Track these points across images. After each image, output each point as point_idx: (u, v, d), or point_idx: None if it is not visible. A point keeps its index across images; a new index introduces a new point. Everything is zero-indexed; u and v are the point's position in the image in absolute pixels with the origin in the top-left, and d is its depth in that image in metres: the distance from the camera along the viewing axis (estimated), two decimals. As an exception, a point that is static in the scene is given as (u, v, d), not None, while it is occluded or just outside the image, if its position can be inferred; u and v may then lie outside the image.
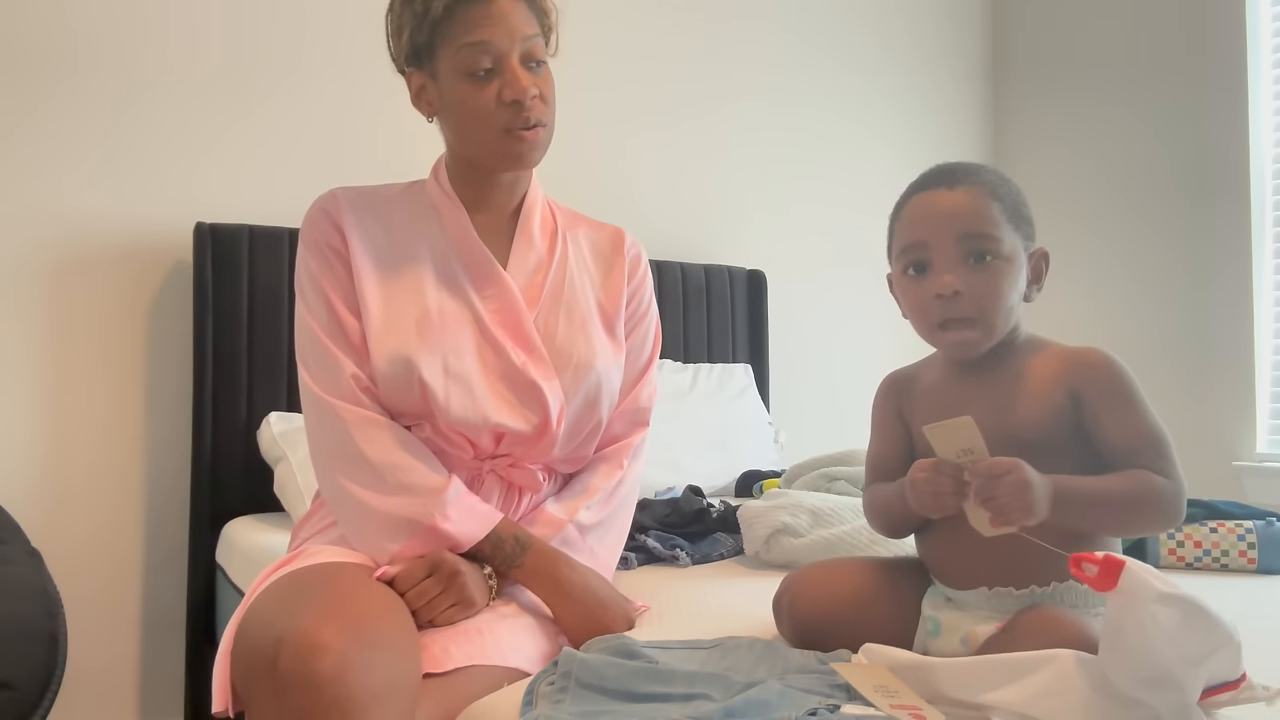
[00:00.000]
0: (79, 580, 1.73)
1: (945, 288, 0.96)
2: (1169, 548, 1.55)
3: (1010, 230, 0.98)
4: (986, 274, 0.96)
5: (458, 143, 1.21)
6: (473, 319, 1.18)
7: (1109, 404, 0.97)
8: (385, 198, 1.25)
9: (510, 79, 1.13)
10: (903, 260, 1.02)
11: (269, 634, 0.82)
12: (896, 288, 1.05)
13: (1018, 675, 0.78)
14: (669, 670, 0.88)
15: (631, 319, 1.32)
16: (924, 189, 1.02)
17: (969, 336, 0.98)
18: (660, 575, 1.42)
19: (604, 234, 1.35)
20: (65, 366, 1.76)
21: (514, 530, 1.11)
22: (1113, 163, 2.86)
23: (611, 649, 0.95)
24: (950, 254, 0.97)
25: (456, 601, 1.02)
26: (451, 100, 1.17)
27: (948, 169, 1.02)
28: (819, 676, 0.88)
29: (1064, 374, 0.99)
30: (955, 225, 0.97)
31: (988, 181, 1.00)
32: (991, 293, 0.96)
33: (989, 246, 0.96)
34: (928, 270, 0.99)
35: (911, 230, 1.00)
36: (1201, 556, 1.53)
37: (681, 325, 2.39)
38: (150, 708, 1.82)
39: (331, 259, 1.18)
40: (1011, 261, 0.97)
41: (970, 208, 0.97)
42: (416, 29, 1.15)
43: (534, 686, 0.89)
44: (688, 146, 2.54)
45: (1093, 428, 0.97)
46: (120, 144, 1.81)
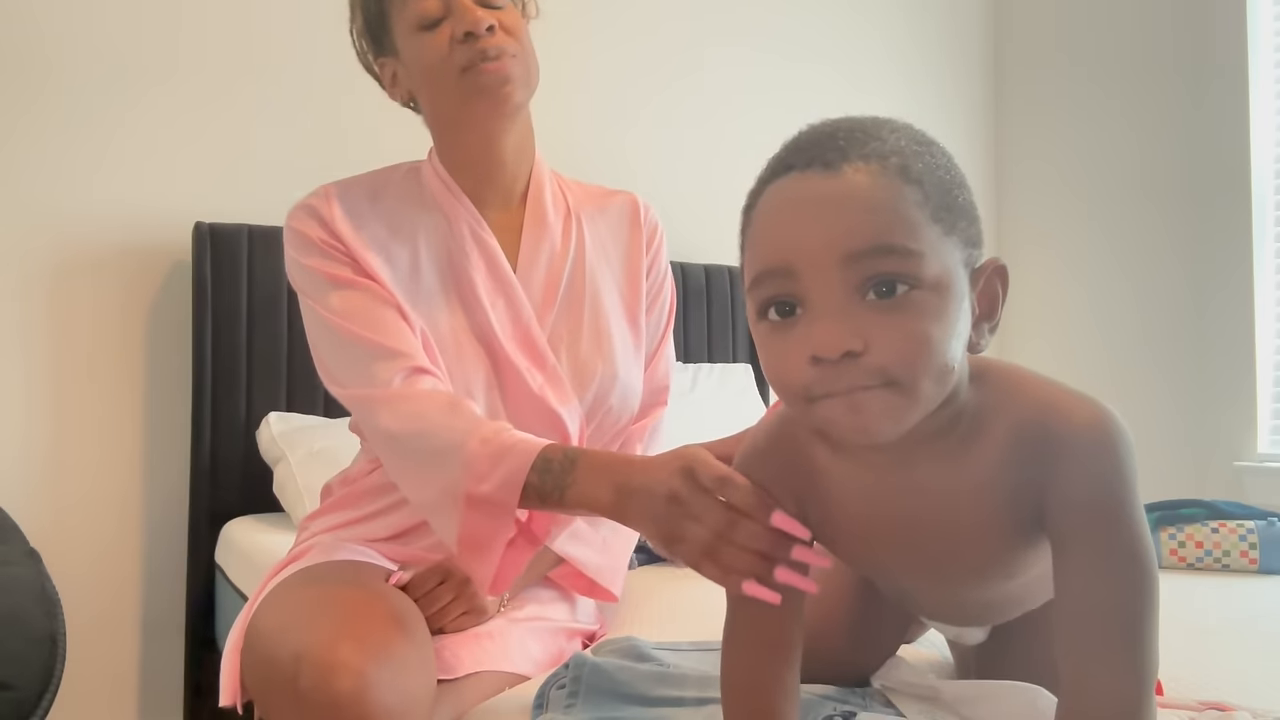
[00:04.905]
0: (78, 580, 1.72)
1: (827, 347, 0.57)
2: (1170, 548, 1.54)
3: (937, 236, 0.59)
4: (900, 316, 0.57)
5: (430, 108, 1.12)
6: (486, 337, 1.08)
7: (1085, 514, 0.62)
8: (381, 186, 1.14)
9: (459, 13, 1.04)
10: (756, 297, 0.62)
11: (287, 647, 0.81)
12: (756, 342, 0.64)
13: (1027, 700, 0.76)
14: (681, 674, 0.88)
15: (650, 292, 1.23)
16: (783, 173, 0.61)
17: (880, 407, 0.58)
18: (661, 575, 1.42)
19: (617, 206, 1.23)
20: (64, 366, 1.75)
21: (561, 451, 0.92)
22: (1113, 162, 2.86)
23: (622, 651, 0.95)
24: (834, 287, 0.58)
25: (468, 610, 1.01)
26: (412, 64, 1.09)
27: (823, 134, 0.62)
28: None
29: (1023, 452, 0.63)
30: (840, 237, 0.57)
31: (894, 152, 0.60)
32: (911, 346, 0.57)
33: (900, 269, 0.57)
34: (800, 310, 0.60)
35: (767, 249, 0.61)
36: (1203, 557, 1.53)
37: (681, 325, 2.39)
38: (150, 708, 1.82)
39: (331, 253, 1.06)
40: (943, 289, 0.58)
41: (864, 204, 0.58)
42: (369, 19, 1.10)
43: (545, 690, 0.89)
44: (687, 146, 2.54)
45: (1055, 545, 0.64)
46: (119, 144, 1.80)
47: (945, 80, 3.10)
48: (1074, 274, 2.92)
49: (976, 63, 3.19)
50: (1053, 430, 0.62)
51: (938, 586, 0.75)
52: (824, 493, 0.71)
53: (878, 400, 0.58)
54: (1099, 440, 0.61)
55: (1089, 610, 0.61)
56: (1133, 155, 2.81)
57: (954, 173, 0.62)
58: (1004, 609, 0.80)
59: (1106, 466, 0.61)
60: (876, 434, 0.60)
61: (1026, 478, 0.63)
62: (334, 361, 1.04)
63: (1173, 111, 2.72)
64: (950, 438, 0.65)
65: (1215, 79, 2.62)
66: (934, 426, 0.64)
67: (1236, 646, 1.09)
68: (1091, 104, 2.92)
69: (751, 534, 0.73)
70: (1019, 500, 0.64)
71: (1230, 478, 2.53)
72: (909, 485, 0.67)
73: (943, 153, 0.63)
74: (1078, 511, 0.61)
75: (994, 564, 0.69)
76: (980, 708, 0.79)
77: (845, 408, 0.58)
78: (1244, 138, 2.56)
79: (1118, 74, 2.86)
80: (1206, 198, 2.64)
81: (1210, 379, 2.62)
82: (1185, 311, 2.68)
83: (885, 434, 0.60)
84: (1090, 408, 0.62)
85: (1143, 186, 2.79)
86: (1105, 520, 0.61)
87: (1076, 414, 0.62)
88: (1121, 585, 0.60)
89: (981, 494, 0.65)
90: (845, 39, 2.88)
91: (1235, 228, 2.58)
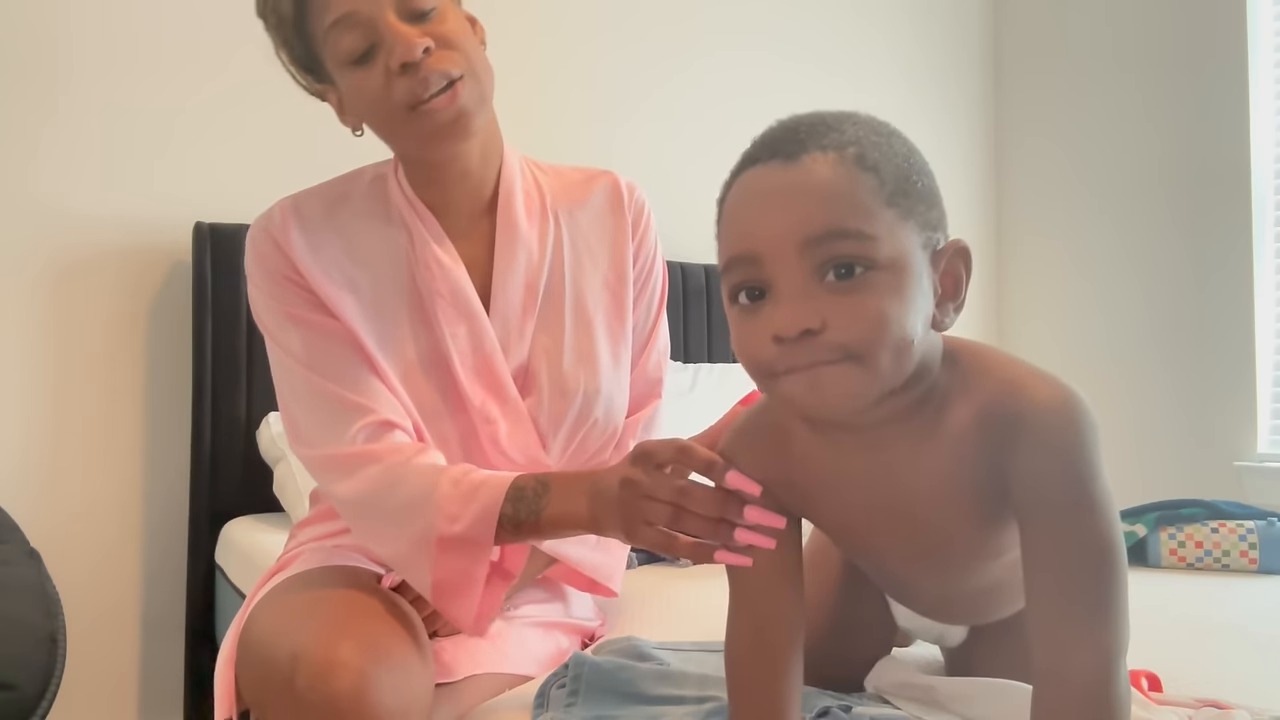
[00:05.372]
0: (78, 580, 1.72)
1: (786, 326, 0.60)
2: (1170, 548, 1.55)
3: (893, 220, 0.61)
4: (857, 295, 0.60)
5: (384, 138, 1.03)
6: (445, 366, 1.02)
7: (1047, 494, 0.63)
8: (342, 199, 1.06)
9: (388, 42, 0.92)
10: (727, 282, 0.66)
11: (283, 648, 0.80)
12: (729, 319, 0.68)
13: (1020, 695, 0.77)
14: (680, 672, 0.88)
15: (638, 280, 1.15)
16: (749, 165, 0.66)
17: (839, 381, 0.61)
18: (661, 575, 1.42)
19: (597, 193, 1.14)
20: (65, 367, 1.75)
21: (532, 478, 0.91)
22: (1113, 162, 2.86)
23: (623, 651, 0.95)
24: (794, 271, 0.61)
25: None
26: (351, 100, 0.99)
27: (786, 129, 0.65)
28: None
29: (988, 433, 0.65)
30: (797, 224, 0.61)
31: (852, 142, 0.63)
32: (867, 322, 0.60)
33: (856, 252, 0.60)
34: (767, 295, 0.63)
35: (734, 237, 0.65)
36: (1203, 557, 1.53)
37: (681, 325, 2.39)
38: (150, 708, 1.82)
39: (290, 287, 1.00)
40: (899, 270, 0.61)
41: (820, 192, 0.61)
42: (288, 42, 0.99)
43: (545, 689, 0.89)
44: (687, 146, 2.54)
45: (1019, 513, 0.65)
46: (119, 144, 1.80)
47: (947, 80, 3.10)
48: (1074, 273, 2.92)
49: (978, 62, 3.19)
50: (1016, 410, 0.64)
51: (922, 571, 0.76)
52: (805, 475, 0.73)
53: (837, 374, 0.61)
54: (1061, 419, 0.63)
55: (1056, 587, 0.63)
56: (1133, 154, 2.81)
57: (913, 160, 0.65)
58: (990, 601, 0.80)
59: (1069, 445, 0.62)
60: (835, 408, 0.63)
61: (993, 458, 0.65)
62: (302, 416, 0.98)
63: (1173, 110, 2.72)
64: (919, 418, 0.67)
65: (1215, 77, 2.62)
66: (903, 406, 0.66)
67: (1236, 646, 1.09)
68: (1092, 103, 2.92)
69: (705, 499, 0.74)
70: (987, 480, 0.66)
71: (1230, 478, 2.53)
72: (881, 467, 0.69)
73: (903, 142, 0.66)
74: (1041, 490, 0.63)
75: (970, 544, 0.70)
76: (975, 705, 0.79)
77: (805, 383, 0.62)
78: (1244, 136, 2.56)
79: (1118, 73, 2.86)
80: (1207, 196, 2.64)
81: (1210, 379, 2.62)
82: (1185, 311, 2.68)
83: (844, 407, 0.63)
84: (1053, 387, 0.64)
85: (1143, 185, 2.79)
86: (1069, 498, 0.62)
87: (1039, 394, 0.64)
88: (1086, 562, 0.62)
89: (950, 474, 0.67)
90: (846, 39, 2.88)
91: (1235, 226, 2.58)
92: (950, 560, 0.73)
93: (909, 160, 0.64)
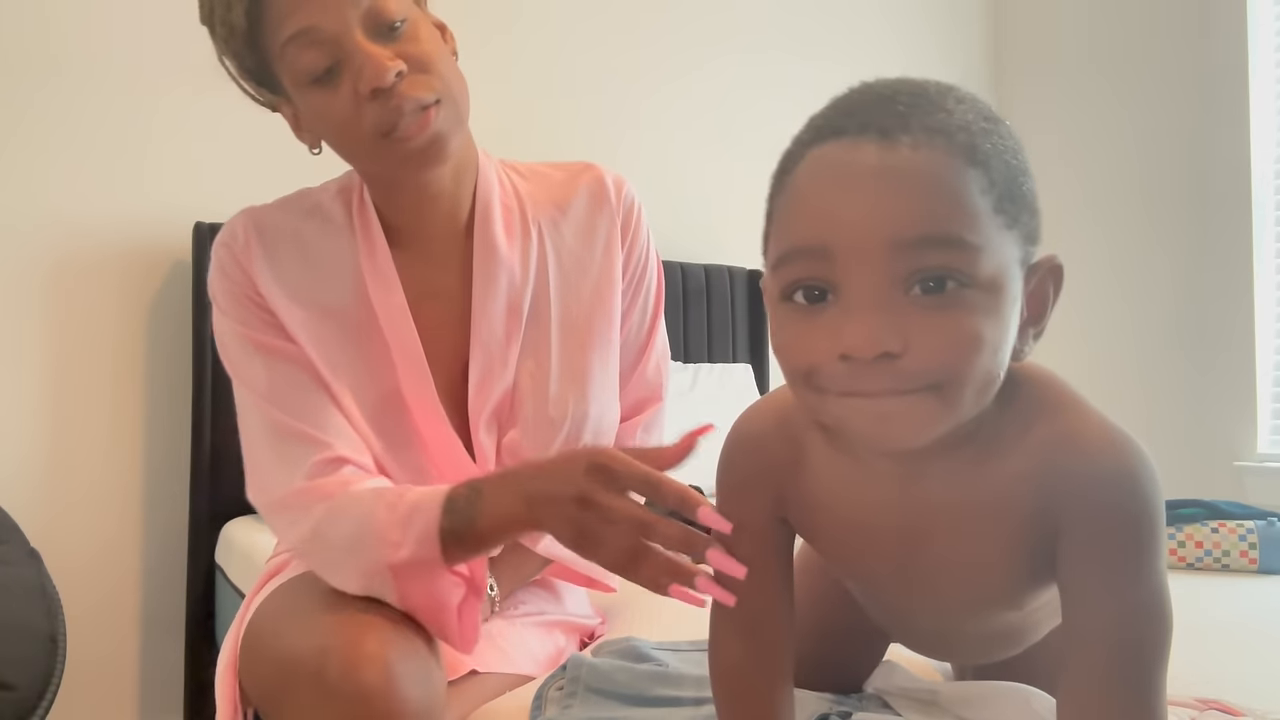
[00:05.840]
0: (78, 580, 1.72)
1: (861, 346, 0.50)
2: (1170, 548, 1.54)
3: (997, 229, 0.51)
4: (948, 315, 0.50)
5: (349, 162, 0.96)
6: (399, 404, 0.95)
7: (1099, 561, 0.55)
8: (305, 215, 0.99)
9: (357, 65, 0.85)
10: (783, 276, 0.54)
11: (308, 642, 0.79)
12: (771, 323, 0.57)
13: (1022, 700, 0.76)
14: (679, 674, 0.87)
15: (631, 282, 1.09)
16: (831, 137, 0.53)
17: (912, 415, 0.51)
18: (661, 575, 1.42)
19: (581, 196, 1.06)
20: (65, 367, 1.75)
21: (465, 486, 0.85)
22: (1113, 162, 2.86)
23: (621, 652, 0.94)
24: (875, 277, 0.51)
25: None
26: (310, 118, 0.92)
27: (880, 97, 0.54)
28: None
29: (1041, 486, 0.57)
30: (890, 221, 0.50)
31: (960, 127, 0.52)
32: (959, 348, 0.50)
33: (955, 264, 0.50)
34: (831, 297, 0.52)
35: (802, 224, 0.53)
36: (1203, 557, 1.53)
37: (681, 325, 2.39)
38: (150, 707, 1.82)
39: (254, 310, 0.94)
40: (998, 290, 0.51)
41: (923, 185, 0.50)
42: (239, 54, 0.91)
43: (543, 690, 0.89)
44: (687, 145, 2.54)
45: (1062, 584, 0.58)
46: (119, 144, 1.80)
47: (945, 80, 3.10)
48: (1074, 273, 2.90)
49: (978, 63, 3.19)
50: (1075, 464, 0.56)
51: (931, 611, 0.69)
52: (812, 492, 0.65)
53: (912, 407, 0.51)
54: (1125, 483, 0.55)
55: (1097, 657, 0.55)
56: (1133, 156, 2.81)
57: (1021, 158, 0.54)
58: (992, 645, 0.75)
59: (1129, 512, 0.55)
60: (899, 444, 0.54)
61: (1042, 507, 0.57)
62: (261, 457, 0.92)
63: (1173, 110, 2.72)
64: (967, 450, 0.58)
65: (1216, 77, 2.62)
66: (953, 437, 0.56)
67: (1236, 646, 1.09)
68: (1092, 104, 2.92)
69: (670, 536, 0.71)
70: (1031, 529, 0.58)
71: (1230, 477, 2.53)
72: (915, 498, 0.60)
73: (1010, 133, 0.55)
74: (1092, 557, 0.56)
75: (996, 592, 0.63)
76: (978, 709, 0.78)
77: (871, 413, 0.52)
78: (1244, 136, 2.56)
79: (1118, 75, 2.85)
80: (1207, 197, 2.64)
81: (1210, 379, 2.62)
82: (1185, 311, 2.68)
83: (908, 445, 0.54)
84: (1119, 444, 0.56)
85: (1143, 186, 2.79)
86: (1120, 570, 0.55)
87: (1103, 450, 0.56)
88: (1134, 636, 0.55)
89: (992, 515, 0.59)
90: (846, 39, 2.88)
91: (1235, 227, 2.58)
92: (962, 606, 0.65)
93: (1018, 157, 0.54)
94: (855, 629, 0.83)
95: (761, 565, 0.67)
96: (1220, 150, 2.61)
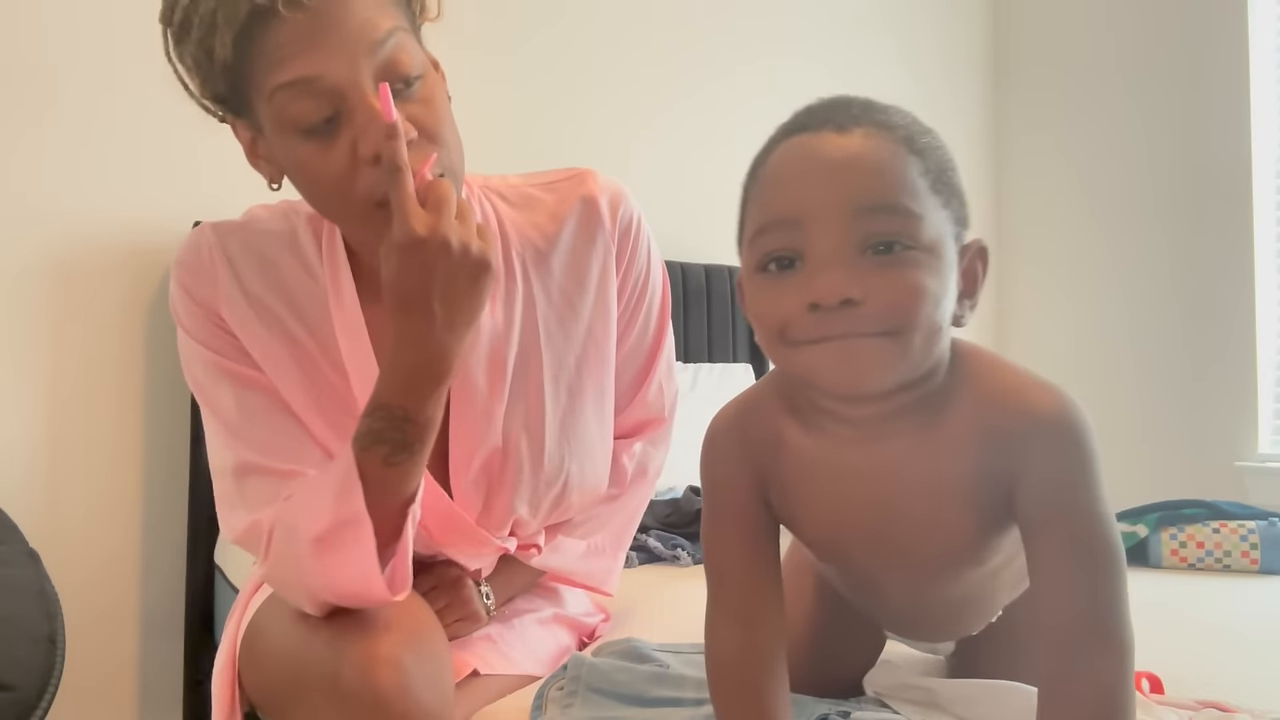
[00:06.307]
0: (77, 581, 1.72)
1: (828, 293, 0.59)
2: (1171, 548, 1.54)
3: (935, 206, 0.62)
4: (898, 270, 0.60)
5: (324, 216, 0.89)
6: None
7: (1055, 500, 0.63)
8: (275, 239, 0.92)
9: (362, 124, 0.76)
10: (758, 248, 0.63)
11: (319, 642, 0.78)
12: (746, 294, 0.66)
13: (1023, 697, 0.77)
14: (679, 675, 0.87)
15: (628, 303, 1.03)
16: (796, 132, 0.65)
17: (873, 355, 0.60)
18: (661, 575, 1.42)
19: (570, 222, 0.98)
20: (64, 366, 1.75)
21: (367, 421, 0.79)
22: (1114, 162, 2.86)
23: (621, 652, 0.94)
24: (838, 239, 0.60)
25: (462, 616, 0.99)
26: (290, 165, 0.83)
27: (837, 102, 0.66)
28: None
29: (989, 438, 0.65)
30: (849, 192, 0.60)
31: (900, 124, 0.64)
32: (909, 296, 0.60)
33: (903, 229, 0.60)
34: (799, 264, 0.61)
35: (775, 199, 0.63)
36: (1204, 557, 1.53)
37: (681, 325, 2.38)
38: (149, 708, 1.82)
39: (221, 334, 0.89)
40: (937, 254, 0.61)
41: (873, 164, 0.61)
42: (208, 79, 0.84)
43: (543, 691, 0.89)
44: (687, 145, 2.54)
45: (1025, 532, 0.65)
46: (119, 144, 1.80)
47: (947, 81, 3.10)
48: (1074, 273, 2.92)
49: (978, 64, 3.19)
50: (1018, 418, 0.64)
51: (904, 575, 0.74)
52: (790, 471, 0.71)
53: (871, 348, 0.60)
54: (1064, 429, 0.63)
55: (1066, 590, 0.63)
56: (1134, 155, 2.81)
57: (950, 157, 0.66)
58: (958, 615, 0.79)
59: (1073, 455, 0.63)
60: (864, 383, 0.62)
61: (992, 462, 0.65)
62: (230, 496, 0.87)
63: (1174, 110, 2.72)
64: (920, 415, 0.66)
65: (1216, 77, 2.62)
66: (907, 402, 0.65)
67: (1237, 646, 1.09)
68: (1092, 104, 2.92)
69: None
70: (983, 483, 0.66)
71: (1231, 478, 2.53)
72: (878, 464, 0.67)
73: (940, 140, 0.67)
74: (1044, 502, 0.64)
75: (954, 546, 0.69)
76: (977, 707, 0.78)
77: (837, 354, 0.60)
78: (1245, 136, 2.56)
79: (1118, 74, 2.85)
80: (1207, 196, 2.64)
81: (1211, 379, 2.62)
82: (1186, 311, 2.68)
83: (871, 384, 0.62)
84: (1053, 398, 0.64)
85: (1144, 186, 2.79)
86: (1072, 507, 0.63)
87: (1040, 402, 0.64)
88: (1095, 565, 0.63)
89: (946, 474, 0.66)
90: (846, 41, 2.88)
91: (1236, 226, 2.58)
92: (929, 563, 0.72)
93: (947, 156, 0.66)
94: (846, 629, 0.86)
95: (753, 553, 0.72)
96: (1221, 150, 2.61)
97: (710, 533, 0.74)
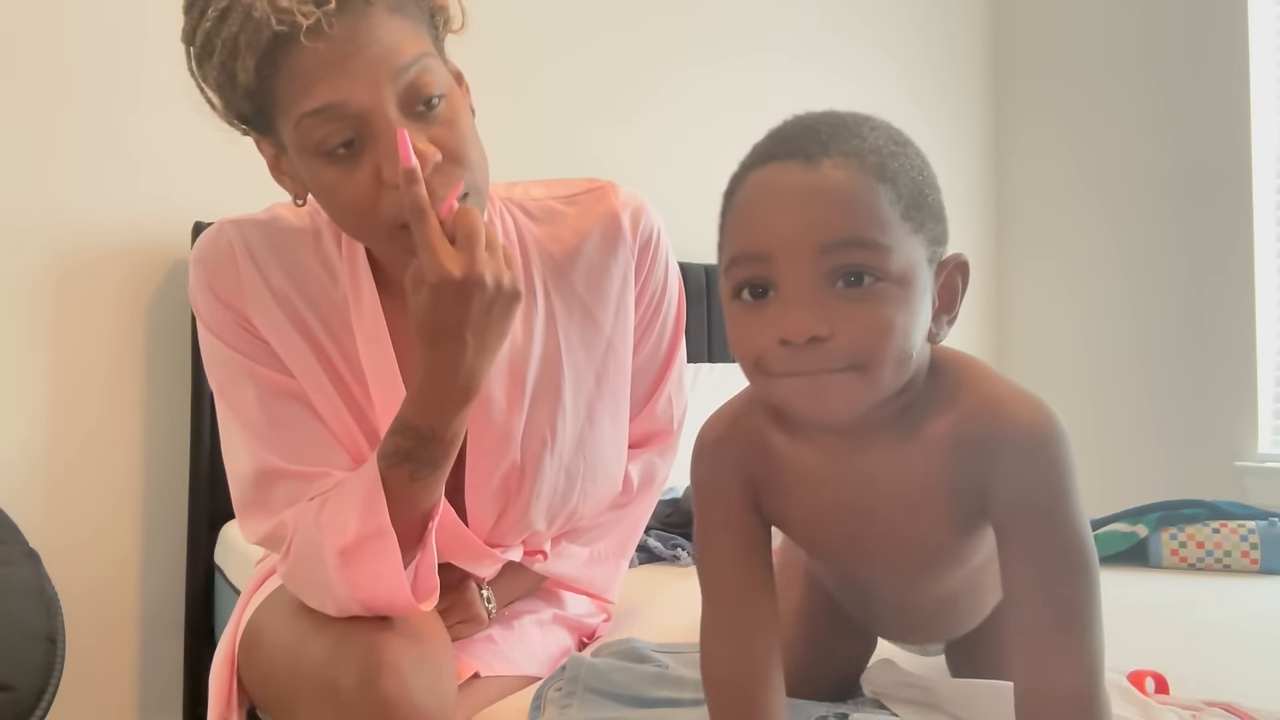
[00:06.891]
0: (77, 581, 1.72)
1: (796, 332, 0.60)
2: (1171, 548, 1.54)
3: (906, 233, 0.61)
4: (866, 305, 0.60)
5: (349, 236, 0.89)
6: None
7: (1027, 506, 0.64)
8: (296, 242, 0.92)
9: (386, 147, 0.76)
10: (732, 278, 0.65)
11: (321, 645, 0.79)
12: (726, 320, 0.67)
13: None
14: (678, 675, 0.88)
15: (646, 315, 1.04)
16: (765, 161, 0.64)
17: (841, 390, 0.61)
18: (661, 574, 1.42)
19: (592, 237, 0.98)
20: (64, 366, 1.75)
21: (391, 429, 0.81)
22: (1113, 162, 2.86)
23: (621, 653, 0.94)
24: (806, 275, 0.61)
25: (464, 618, 0.99)
26: (314, 186, 0.83)
27: (806, 127, 0.64)
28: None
29: (966, 446, 0.66)
30: (815, 228, 0.60)
31: (871, 150, 0.62)
32: (875, 332, 0.60)
33: (870, 262, 0.60)
34: (772, 293, 0.63)
35: (745, 233, 0.64)
36: (1204, 557, 1.53)
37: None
38: (149, 708, 1.82)
39: (244, 333, 0.89)
40: (907, 283, 0.61)
41: (840, 199, 0.60)
42: (231, 100, 0.83)
43: (542, 691, 0.89)
44: (687, 145, 2.53)
45: (999, 537, 0.67)
46: (119, 144, 1.80)
47: (947, 80, 3.10)
48: (1074, 273, 2.92)
49: (978, 62, 3.19)
50: (994, 429, 0.65)
51: (889, 576, 0.76)
52: (780, 477, 0.72)
53: (839, 383, 0.61)
54: (1038, 441, 0.64)
55: (1037, 594, 0.64)
56: (1133, 154, 2.81)
57: (926, 174, 0.65)
58: (946, 615, 0.80)
59: (1045, 466, 0.64)
60: (834, 415, 0.64)
61: (969, 470, 0.66)
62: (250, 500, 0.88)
63: (1174, 109, 2.72)
64: (900, 424, 0.67)
65: (1216, 77, 2.62)
66: (887, 413, 0.67)
67: (1238, 646, 1.09)
68: (1092, 103, 2.92)
69: None
70: (961, 489, 0.67)
71: (1231, 478, 2.53)
72: (860, 471, 0.69)
73: (918, 154, 0.66)
74: (1017, 509, 0.65)
75: (936, 548, 0.71)
76: (975, 707, 0.78)
77: (807, 389, 0.62)
78: (1245, 135, 2.56)
79: (1118, 73, 2.85)
80: (1207, 196, 2.64)
81: (1211, 379, 2.62)
82: (1186, 311, 2.68)
83: (841, 415, 0.64)
84: (1031, 407, 0.65)
85: (1143, 185, 2.79)
86: (1044, 518, 0.64)
87: (1017, 414, 0.65)
88: (1064, 570, 0.63)
89: (926, 480, 0.67)
90: (847, 40, 2.88)
91: (1236, 226, 2.58)
92: (912, 565, 0.73)
93: (923, 174, 0.64)
94: (837, 621, 0.86)
95: (745, 562, 0.73)
96: (1221, 149, 2.61)
97: (702, 541, 0.75)
